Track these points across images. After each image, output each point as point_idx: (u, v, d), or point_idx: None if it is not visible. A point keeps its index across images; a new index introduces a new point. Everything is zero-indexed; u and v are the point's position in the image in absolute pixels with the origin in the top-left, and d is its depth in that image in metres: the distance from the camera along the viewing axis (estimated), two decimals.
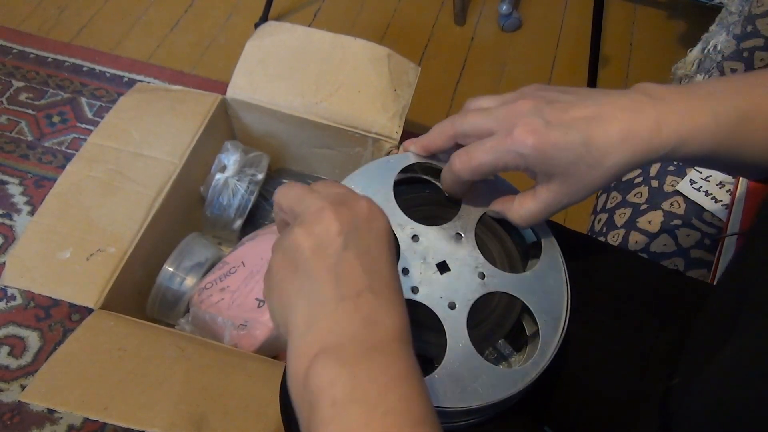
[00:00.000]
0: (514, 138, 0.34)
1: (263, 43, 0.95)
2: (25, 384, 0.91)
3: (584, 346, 0.45)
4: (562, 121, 0.34)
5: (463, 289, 0.39)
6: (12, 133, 1.18)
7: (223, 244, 0.99)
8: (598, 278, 0.47)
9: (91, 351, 0.67)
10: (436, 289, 0.39)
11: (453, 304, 0.39)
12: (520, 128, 0.34)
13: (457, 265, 0.40)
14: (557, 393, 0.46)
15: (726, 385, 0.32)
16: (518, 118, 0.35)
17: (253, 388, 0.65)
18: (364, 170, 0.43)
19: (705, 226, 0.71)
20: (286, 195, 0.34)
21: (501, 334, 0.39)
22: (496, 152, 0.35)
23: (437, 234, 0.41)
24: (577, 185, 0.35)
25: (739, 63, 0.82)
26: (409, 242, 0.40)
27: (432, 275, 0.39)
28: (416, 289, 0.39)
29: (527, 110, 0.35)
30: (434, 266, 0.40)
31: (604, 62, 1.37)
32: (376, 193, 0.42)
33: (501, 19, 1.44)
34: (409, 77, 0.95)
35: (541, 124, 0.34)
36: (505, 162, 0.35)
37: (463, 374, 0.36)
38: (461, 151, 0.37)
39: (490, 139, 0.36)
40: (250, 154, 0.96)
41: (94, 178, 0.82)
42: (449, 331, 0.38)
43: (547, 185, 0.36)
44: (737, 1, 0.80)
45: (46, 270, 0.74)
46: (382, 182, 0.42)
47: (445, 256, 0.40)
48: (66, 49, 1.32)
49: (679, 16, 1.49)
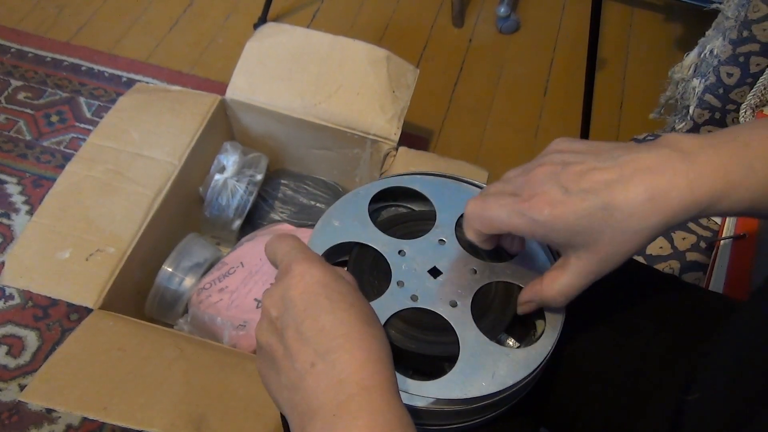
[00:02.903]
0: (531, 204, 0.34)
1: (262, 45, 0.96)
2: (23, 383, 0.91)
3: (578, 349, 0.46)
4: (580, 187, 0.33)
5: (460, 286, 0.41)
6: (10, 133, 1.18)
7: (222, 244, 0.99)
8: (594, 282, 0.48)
9: (91, 351, 0.68)
10: (434, 293, 0.40)
11: (454, 302, 0.40)
12: (537, 197, 0.34)
13: (448, 267, 0.41)
14: (553, 393, 0.47)
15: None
16: (537, 187, 0.34)
17: (252, 388, 0.65)
18: (337, 205, 0.45)
19: (701, 230, 0.72)
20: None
21: (507, 318, 0.40)
22: (511, 211, 0.34)
23: (421, 244, 0.43)
24: (608, 251, 0.33)
25: (735, 68, 0.83)
26: (396, 257, 0.42)
27: (426, 281, 0.41)
28: (416, 297, 0.40)
29: (545, 177, 0.34)
30: (426, 273, 0.41)
31: (602, 65, 1.38)
32: (354, 223, 0.44)
33: (499, 22, 1.45)
34: (407, 79, 0.96)
35: (559, 193, 0.33)
36: (517, 225, 0.34)
37: (484, 363, 0.37)
38: (477, 198, 0.37)
39: (510, 197, 0.35)
40: (249, 155, 0.96)
41: (93, 178, 0.82)
42: (457, 327, 0.39)
43: (576, 254, 0.35)
44: (733, 6, 0.81)
45: (45, 270, 0.74)
46: (357, 213, 0.44)
47: (434, 262, 0.42)
48: (65, 48, 1.32)
49: (675, 19, 1.50)
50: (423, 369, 0.39)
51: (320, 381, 0.30)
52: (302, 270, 0.33)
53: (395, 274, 0.41)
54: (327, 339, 0.31)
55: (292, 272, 0.33)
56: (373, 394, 0.30)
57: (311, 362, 0.30)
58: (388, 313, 0.39)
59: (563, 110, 1.33)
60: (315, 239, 0.43)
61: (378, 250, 0.42)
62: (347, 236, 0.43)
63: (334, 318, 0.31)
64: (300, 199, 0.99)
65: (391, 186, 0.47)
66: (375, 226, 0.44)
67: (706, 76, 0.88)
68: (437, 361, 0.39)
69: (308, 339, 0.31)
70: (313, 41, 0.96)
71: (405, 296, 0.40)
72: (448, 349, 0.38)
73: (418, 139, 1.26)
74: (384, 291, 0.40)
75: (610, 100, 1.35)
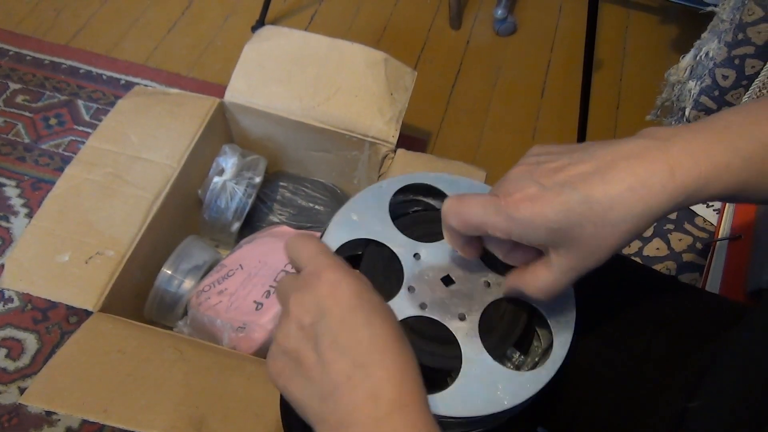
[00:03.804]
0: (508, 201, 0.33)
1: (261, 47, 0.96)
2: (22, 386, 0.91)
3: (577, 350, 0.46)
4: (556, 181, 0.32)
5: (471, 299, 0.40)
6: (9, 136, 1.18)
7: (221, 246, 1.00)
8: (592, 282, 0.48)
9: (90, 353, 0.68)
10: (444, 303, 0.39)
11: (463, 315, 0.39)
12: (514, 195, 0.33)
13: (462, 277, 0.40)
14: (552, 395, 0.47)
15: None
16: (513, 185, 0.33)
17: (252, 390, 0.65)
18: (359, 197, 0.43)
19: (697, 231, 0.72)
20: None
21: (513, 338, 0.39)
22: (487, 208, 0.33)
23: (438, 249, 0.41)
24: (590, 246, 0.32)
25: (730, 70, 0.83)
26: (411, 261, 0.41)
27: (438, 290, 0.40)
28: (424, 305, 0.39)
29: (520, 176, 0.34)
30: (439, 281, 0.40)
31: (599, 66, 1.38)
32: (373, 218, 0.42)
33: (496, 23, 1.46)
34: (405, 81, 0.96)
35: (536, 189, 0.32)
36: (494, 222, 0.33)
37: (483, 382, 0.36)
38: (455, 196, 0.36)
39: (486, 196, 0.34)
40: (247, 158, 0.96)
41: (92, 181, 0.82)
42: (462, 341, 0.38)
43: (557, 251, 0.33)
44: (729, 9, 0.81)
45: (44, 273, 0.74)
46: (377, 208, 0.43)
47: (448, 269, 0.41)
48: (63, 51, 1.32)
49: (671, 21, 1.51)
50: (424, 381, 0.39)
51: (356, 394, 0.30)
52: (335, 279, 0.32)
53: (407, 279, 0.40)
54: (365, 352, 0.30)
55: (323, 279, 0.33)
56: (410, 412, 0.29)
57: (347, 374, 0.30)
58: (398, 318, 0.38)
59: (560, 111, 1.33)
60: (331, 232, 0.41)
61: (393, 250, 0.41)
62: (364, 233, 0.42)
63: (372, 332, 0.31)
64: (299, 202, 0.99)
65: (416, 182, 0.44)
66: (393, 224, 0.42)
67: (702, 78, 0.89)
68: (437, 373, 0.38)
69: (345, 350, 0.30)
70: (311, 44, 0.96)
71: (414, 303, 0.39)
72: (449, 363, 0.37)
73: (417, 140, 1.26)
74: (394, 295, 0.39)
75: (606, 102, 1.36)
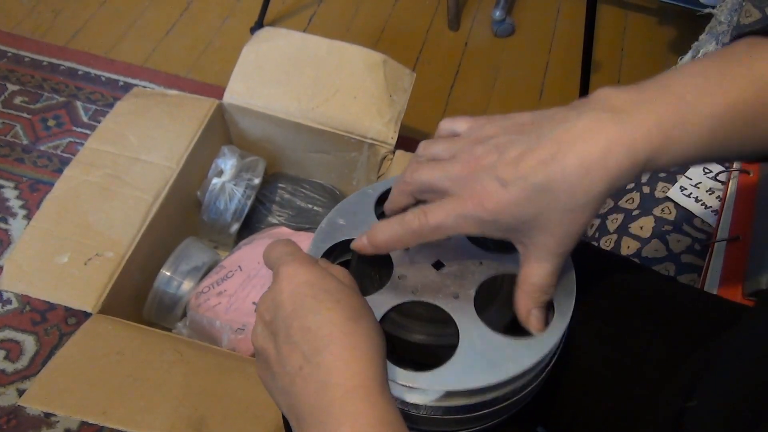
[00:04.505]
0: (473, 204, 0.32)
1: (260, 49, 0.96)
2: (21, 388, 0.91)
3: (576, 349, 0.46)
4: (517, 175, 0.31)
5: (464, 278, 0.40)
6: (7, 137, 1.18)
7: (220, 248, 1.00)
8: (591, 282, 0.48)
9: (89, 355, 0.68)
10: (436, 286, 0.40)
11: (456, 294, 0.39)
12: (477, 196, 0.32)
13: (453, 260, 0.41)
14: (551, 394, 0.47)
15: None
16: (474, 184, 0.33)
17: (251, 391, 0.65)
18: (345, 203, 0.45)
19: (695, 232, 0.72)
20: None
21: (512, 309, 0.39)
22: (456, 216, 0.33)
23: None
24: (562, 231, 0.32)
25: None
26: (401, 252, 0.41)
27: (429, 274, 0.40)
28: (416, 290, 0.39)
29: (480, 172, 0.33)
30: (429, 266, 0.41)
31: (596, 67, 1.38)
32: (361, 222, 0.43)
33: (494, 25, 1.46)
34: (404, 83, 0.97)
35: (498, 186, 0.32)
36: (466, 228, 0.33)
37: (484, 352, 0.36)
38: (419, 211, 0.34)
39: (450, 201, 0.34)
40: (246, 159, 0.96)
41: (91, 182, 0.82)
42: (458, 318, 0.38)
43: (533, 242, 0.34)
44: (726, 10, 0.81)
45: (43, 274, 0.74)
46: (363, 210, 0.44)
47: (438, 255, 0.41)
48: (61, 52, 1.32)
49: (669, 22, 1.51)
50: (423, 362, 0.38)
51: (308, 384, 0.30)
52: (290, 272, 0.33)
53: (397, 269, 0.40)
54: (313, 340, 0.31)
55: (280, 275, 0.33)
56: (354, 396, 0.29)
57: (299, 365, 0.31)
58: (387, 306, 0.38)
59: None
60: (319, 238, 0.42)
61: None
62: (351, 234, 0.42)
63: (320, 318, 0.31)
64: (297, 203, 0.99)
65: None
66: None
67: None
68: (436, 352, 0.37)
69: (296, 342, 0.31)
70: (310, 45, 0.96)
71: (405, 289, 0.39)
72: (447, 340, 0.37)
73: (415, 142, 1.25)
74: (384, 285, 0.39)
75: None
